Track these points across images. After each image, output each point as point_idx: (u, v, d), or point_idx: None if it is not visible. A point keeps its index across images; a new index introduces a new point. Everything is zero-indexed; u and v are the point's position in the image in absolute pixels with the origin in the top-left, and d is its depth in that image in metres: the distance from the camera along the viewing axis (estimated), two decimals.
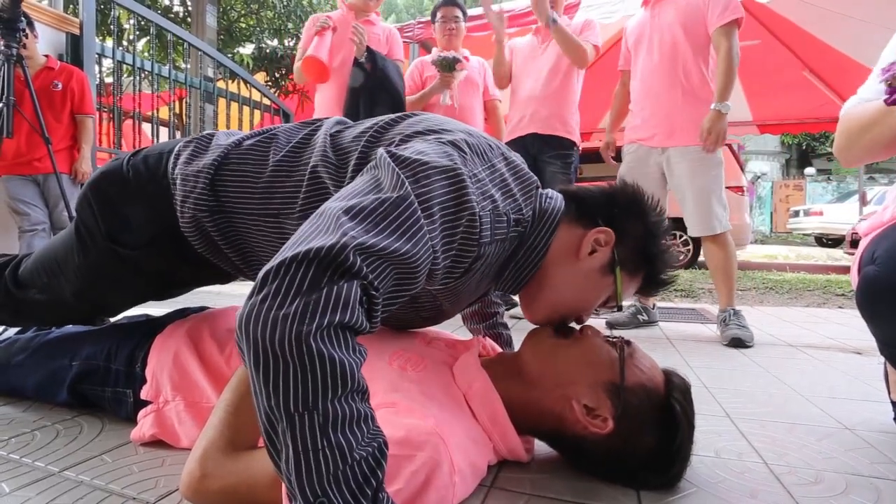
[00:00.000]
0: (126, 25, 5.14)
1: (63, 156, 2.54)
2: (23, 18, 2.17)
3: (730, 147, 5.03)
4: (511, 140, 2.47)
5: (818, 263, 6.03)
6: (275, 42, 6.42)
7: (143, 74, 3.49)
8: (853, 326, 2.21)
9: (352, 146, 0.77)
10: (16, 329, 1.18)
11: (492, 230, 0.67)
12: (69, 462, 0.81)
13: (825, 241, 10.76)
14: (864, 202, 9.21)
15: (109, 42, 3.94)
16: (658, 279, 0.81)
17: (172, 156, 0.88)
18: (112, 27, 3.39)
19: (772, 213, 16.80)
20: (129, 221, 0.89)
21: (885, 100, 0.79)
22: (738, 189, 4.97)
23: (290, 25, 6.34)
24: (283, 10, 6.26)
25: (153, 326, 1.00)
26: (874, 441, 0.96)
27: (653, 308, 2.25)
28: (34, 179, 2.55)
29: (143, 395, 0.90)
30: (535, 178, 0.79)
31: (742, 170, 5.47)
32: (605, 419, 0.72)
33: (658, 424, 0.72)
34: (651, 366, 0.77)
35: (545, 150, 2.40)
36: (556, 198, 0.81)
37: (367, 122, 0.81)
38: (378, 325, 0.56)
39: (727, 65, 1.89)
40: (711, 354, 1.69)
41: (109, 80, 4.21)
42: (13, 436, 0.91)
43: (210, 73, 4.54)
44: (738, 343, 1.79)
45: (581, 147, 2.50)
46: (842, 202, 11.16)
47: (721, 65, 1.90)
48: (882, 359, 1.02)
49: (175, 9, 6.48)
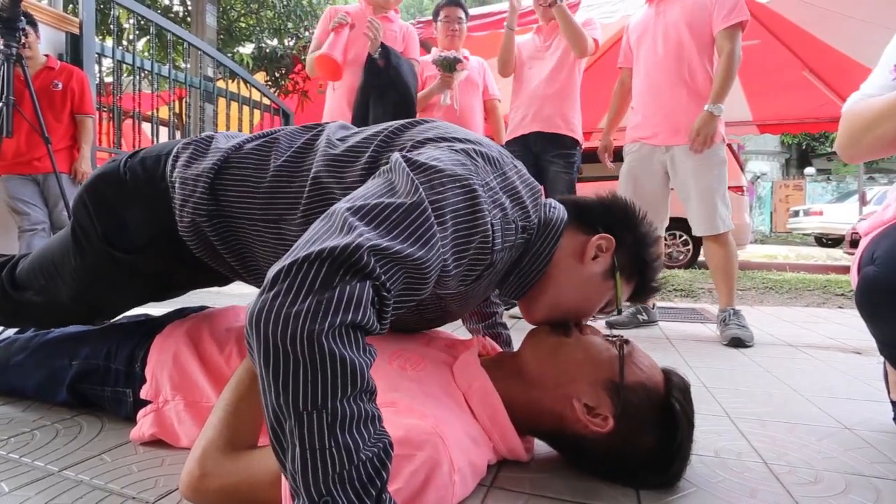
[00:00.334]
0: (126, 25, 5.14)
1: (63, 155, 2.54)
2: (23, 18, 2.18)
3: (730, 147, 5.01)
4: (513, 138, 2.46)
5: (818, 263, 6.03)
6: (275, 42, 6.42)
7: (143, 74, 3.49)
8: (853, 326, 2.21)
9: (361, 150, 0.77)
10: (15, 329, 1.18)
11: (503, 238, 0.69)
12: (69, 461, 0.81)
13: (825, 241, 10.77)
14: (864, 202, 9.21)
15: (109, 41, 3.93)
16: (649, 286, 0.86)
17: (171, 158, 0.87)
18: (112, 27, 3.38)
19: (772, 213, 16.81)
20: (126, 224, 0.88)
21: None
22: (738, 189, 4.97)
23: (290, 25, 6.33)
24: (283, 10, 6.25)
25: (153, 326, 1.00)
26: (874, 441, 0.96)
27: (652, 308, 2.24)
28: (34, 179, 2.55)
29: (143, 395, 0.90)
30: (539, 186, 0.82)
31: (742, 170, 5.47)
32: (606, 418, 0.72)
33: (658, 423, 0.72)
34: (650, 365, 0.77)
35: (548, 149, 2.39)
36: (559, 206, 0.84)
37: (377, 127, 0.81)
38: (388, 327, 0.56)
39: (727, 68, 1.88)
40: (711, 354, 1.69)
41: (109, 80, 4.21)
42: (13, 435, 0.91)
43: (210, 73, 4.54)
44: (738, 343, 1.79)
45: (582, 147, 2.50)
46: (841, 202, 11.17)
47: (722, 67, 1.90)
48: (881, 359, 1.02)
49: (175, 8, 6.48)
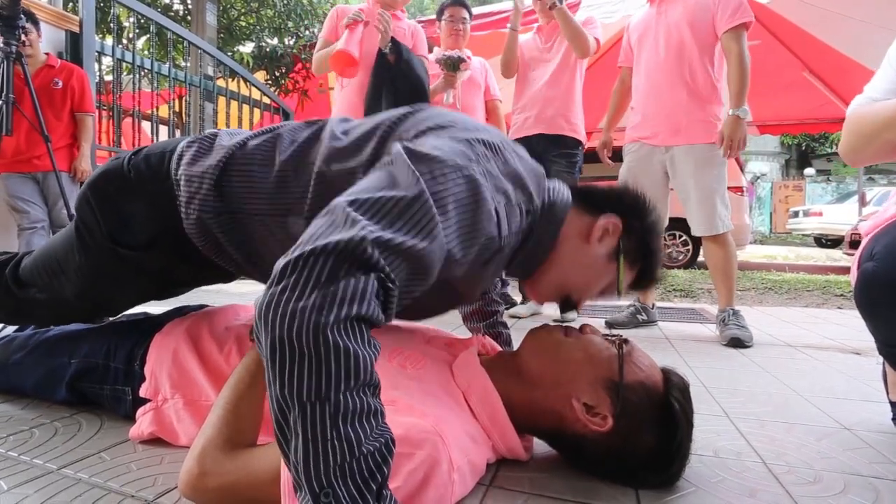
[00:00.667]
0: (126, 23, 5.14)
1: (63, 154, 2.53)
2: (23, 16, 2.17)
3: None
4: (516, 140, 2.47)
5: (817, 264, 6.03)
6: (275, 41, 6.41)
7: (143, 72, 3.49)
8: (852, 327, 2.21)
9: (365, 140, 0.77)
10: (14, 327, 1.18)
11: (509, 223, 0.70)
12: (67, 460, 0.81)
13: (824, 242, 10.78)
14: (864, 203, 9.22)
15: (109, 40, 3.94)
16: (652, 275, 0.86)
17: (175, 156, 0.87)
18: (112, 25, 3.38)
19: (771, 214, 16.81)
20: (130, 220, 0.88)
21: None
22: (738, 189, 4.97)
23: (291, 24, 6.33)
24: (283, 9, 6.25)
25: (152, 324, 1.00)
26: (873, 441, 0.96)
27: (652, 308, 2.24)
28: (34, 177, 2.54)
29: (142, 393, 0.90)
30: (543, 169, 0.83)
31: (742, 170, 5.46)
32: (605, 417, 0.72)
33: (657, 423, 0.72)
34: (650, 364, 0.77)
35: (550, 149, 2.40)
36: (563, 189, 0.85)
37: (378, 117, 0.81)
38: (392, 318, 0.57)
39: (740, 69, 1.86)
40: (711, 354, 1.69)
41: (109, 79, 4.20)
42: (11, 433, 0.91)
43: (210, 72, 4.54)
44: (738, 343, 1.79)
45: (584, 147, 2.50)
46: (841, 203, 11.17)
47: (734, 70, 1.88)
48: (880, 359, 1.02)
49: (175, 7, 6.47)
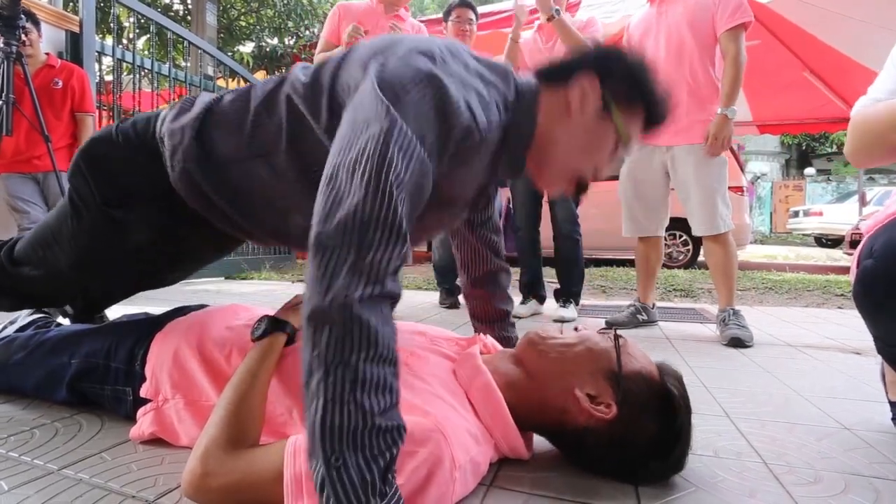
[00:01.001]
0: (126, 23, 5.14)
1: (63, 154, 2.53)
2: (23, 16, 2.17)
3: (730, 147, 5.02)
4: None
5: (818, 264, 6.02)
6: (275, 40, 6.43)
7: (143, 72, 3.49)
8: (852, 327, 2.21)
9: (326, 71, 0.79)
10: (15, 327, 1.18)
11: (487, 116, 0.72)
12: (68, 460, 0.81)
13: (825, 242, 10.77)
14: (864, 202, 9.22)
15: (109, 40, 3.93)
16: (660, 107, 0.80)
17: (159, 119, 0.93)
18: (112, 25, 3.38)
19: (771, 214, 16.81)
20: (120, 182, 0.94)
21: None
22: (738, 189, 4.97)
23: (291, 24, 6.34)
24: (283, 9, 6.26)
25: (152, 324, 1.00)
26: (873, 441, 0.96)
27: (652, 308, 2.24)
28: (34, 177, 2.54)
29: (143, 393, 0.90)
30: (508, 66, 0.83)
31: (742, 170, 5.47)
32: (609, 405, 0.73)
33: (657, 410, 0.73)
34: (644, 355, 0.80)
35: None
36: (528, 76, 0.85)
37: (338, 54, 0.83)
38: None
39: (734, 70, 1.87)
40: (711, 354, 1.69)
41: (109, 79, 4.21)
42: (12, 434, 0.91)
43: (210, 72, 4.55)
44: (738, 343, 1.79)
45: None
46: (841, 202, 11.18)
47: (728, 70, 1.89)
48: (880, 359, 1.02)
49: (175, 7, 6.48)
